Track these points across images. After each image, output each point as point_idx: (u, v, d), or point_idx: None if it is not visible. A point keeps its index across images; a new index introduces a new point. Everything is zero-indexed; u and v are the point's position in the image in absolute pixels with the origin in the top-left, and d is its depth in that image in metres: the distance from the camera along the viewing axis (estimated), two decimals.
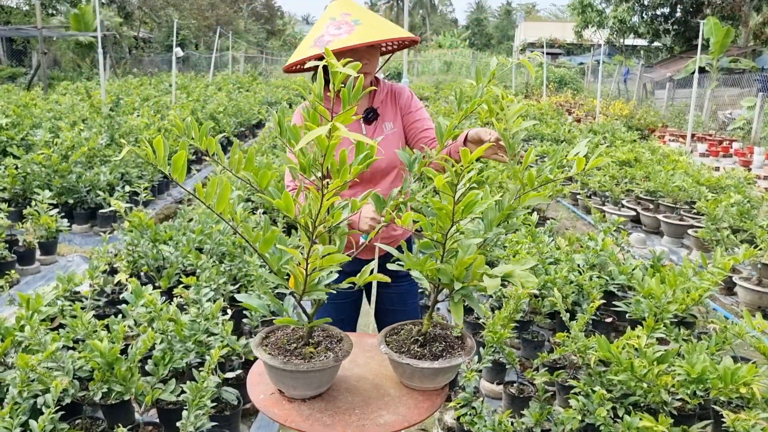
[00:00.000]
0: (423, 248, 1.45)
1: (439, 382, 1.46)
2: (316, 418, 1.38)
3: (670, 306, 2.67)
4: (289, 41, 41.23)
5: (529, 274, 1.26)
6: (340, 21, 1.87)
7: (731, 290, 4.56)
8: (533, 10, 57.43)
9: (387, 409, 1.40)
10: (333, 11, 1.93)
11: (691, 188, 5.97)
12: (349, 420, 1.36)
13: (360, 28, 1.85)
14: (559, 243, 3.77)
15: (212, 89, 13.96)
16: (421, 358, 1.43)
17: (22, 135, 6.50)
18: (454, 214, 1.28)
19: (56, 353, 2.30)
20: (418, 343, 1.50)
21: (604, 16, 25.61)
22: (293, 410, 1.40)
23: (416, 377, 1.44)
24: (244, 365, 2.76)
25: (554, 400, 2.87)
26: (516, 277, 1.27)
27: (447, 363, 1.41)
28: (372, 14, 1.94)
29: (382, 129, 2.09)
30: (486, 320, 2.70)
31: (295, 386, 1.41)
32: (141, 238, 3.64)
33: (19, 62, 21.13)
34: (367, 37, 1.82)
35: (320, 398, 1.44)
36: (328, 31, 1.86)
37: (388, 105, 2.13)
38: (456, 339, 1.53)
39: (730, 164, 10.58)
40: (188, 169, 1.33)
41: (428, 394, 1.46)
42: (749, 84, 16.58)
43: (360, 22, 1.87)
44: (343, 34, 1.83)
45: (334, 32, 1.84)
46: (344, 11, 1.91)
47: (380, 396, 1.46)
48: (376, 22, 1.90)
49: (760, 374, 1.98)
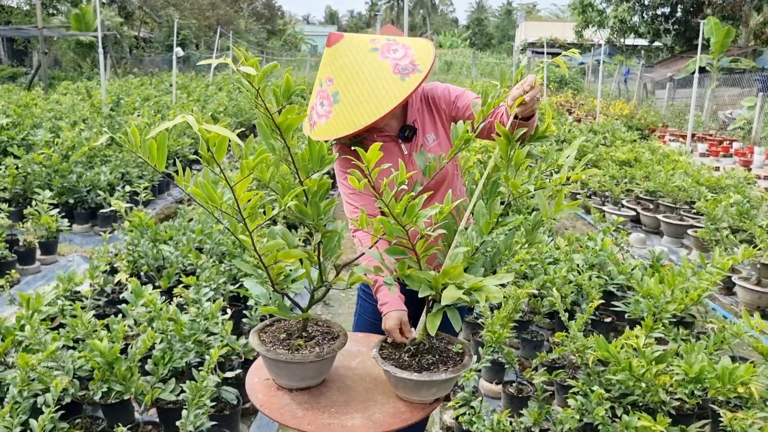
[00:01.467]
0: (391, 253, 1.40)
1: (423, 396, 1.41)
2: (290, 409, 1.39)
3: (669, 306, 2.68)
4: (289, 41, 41.24)
5: (498, 289, 1.24)
6: (324, 92, 1.73)
7: (731, 290, 4.56)
8: (534, 9, 57.39)
9: (362, 413, 1.38)
10: (322, 71, 1.76)
11: (690, 188, 5.97)
12: (320, 417, 1.36)
13: (336, 108, 1.68)
14: (558, 243, 3.78)
15: (213, 89, 13.96)
16: (406, 369, 1.40)
17: (23, 135, 6.51)
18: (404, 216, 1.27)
19: (56, 353, 2.31)
20: (409, 352, 1.48)
21: (604, 15, 25.59)
22: (275, 398, 1.44)
23: (399, 387, 1.42)
24: (244, 365, 2.77)
25: (553, 399, 2.88)
26: (483, 291, 1.24)
27: (427, 377, 1.37)
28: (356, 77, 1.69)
29: (423, 144, 1.91)
30: (485, 320, 2.70)
31: (279, 375, 1.46)
32: (141, 238, 3.65)
33: (20, 62, 21.14)
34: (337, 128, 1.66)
35: (308, 391, 1.47)
36: (316, 107, 1.74)
37: (426, 114, 1.93)
38: (455, 354, 1.49)
39: (731, 164, 10.57)
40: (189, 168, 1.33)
41: (413, 406, 1.42)
42: (750, 84, 16.57)
43: (338, 98, 1.68)
44: (323, 118, 1.70)
45: (320, 111, 1.72)
46: (328, 74, 1.73)
47: (365, 399, 1.45)
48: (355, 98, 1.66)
49: (758, 374, 1.99)
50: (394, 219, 1.28)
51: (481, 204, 1.38)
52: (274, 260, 1.35)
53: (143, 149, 1.16)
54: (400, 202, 1.26)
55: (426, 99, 1.93)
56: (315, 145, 1.32)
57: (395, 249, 1.39)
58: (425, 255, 1.39)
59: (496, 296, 1.23)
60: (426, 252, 1.38)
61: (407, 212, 1.27)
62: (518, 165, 1.38)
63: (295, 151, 1.30)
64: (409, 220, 1.28)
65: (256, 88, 1.19)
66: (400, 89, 1.66)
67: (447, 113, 1.93)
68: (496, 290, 1.24)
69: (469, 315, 3.49)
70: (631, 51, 28.29)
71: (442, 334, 1.57)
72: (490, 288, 1.25)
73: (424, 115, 1.92)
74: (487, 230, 1.36)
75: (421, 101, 1.93)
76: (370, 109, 1.65)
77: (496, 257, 1.46)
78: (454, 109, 1.91)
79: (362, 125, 1.65)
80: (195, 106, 10.13)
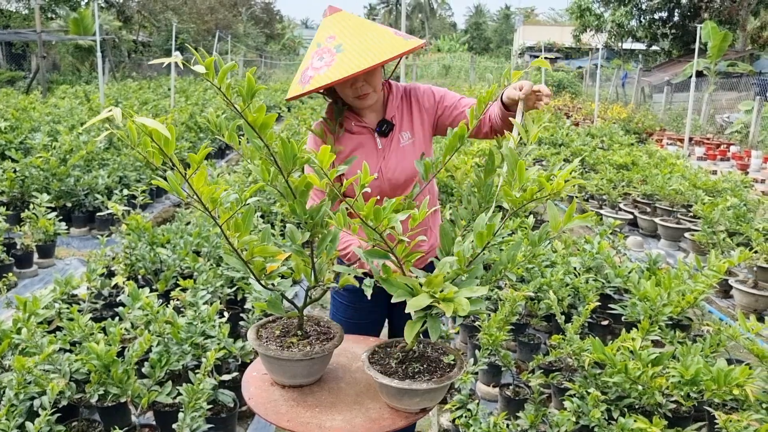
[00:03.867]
0: (372, 256, 1.39)
1: (406, 404, 1.39)
2: (275, 405, 1.41)
3: (665, 308, 2.68)
4: (288, 45, 41.31)
5: (467, 302, 1.22)
6: (324, 48, 1.73)
7: (728, 293, 4.57)
8: (532, 14, 57.52)
9: (344, 415, 1.38)
10: (320, 35, 1.78)
11: (688, 191, 5.98)
12: (302, 415, 1.37)
13: (340, 57, 1.68)
14: (555, 246, 3.78)
15: (211, 93, 13.97)
16: (391, 375, 1.38)
17: (21, 138, 6.52)
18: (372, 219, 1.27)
19: (53, 355, 2.31)
20: (398, 359, 1.46)
21: (602, 20, 25.65)
22: (265, 392, 1.45)
23: (384, 392, 1.42)
24: (241, 367, 2.77)
25: (550, 402, 2.88)
26: (453, 303, 1.23)
27: (407, 385, 1.34)
28: (360, 31, 1.74)
29: (398, 140, 1.93)
30: (482, 323, 2.71)
31: (272, 370, 1.47)
32: (139, 241, 3.65)
33: (18, 66, 21.16)
34: (342, 71, 1.65)
35: (299, 389, 1.48)
36: (312, 64, 1.73)
37: (404, 112, 1.96)
38: (446, 365, 1.46)
39: (728, 168, 10.60)
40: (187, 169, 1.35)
41: (396, 414, 1.41)
42: (747, 88, 16.63)
43: (342, 48, 1.70)
44: (322, 68, 1.69)
45: (317, 65, 1.71)
46: (330, 33, 1.75)
47: (352, 403, 1.44)
48: (360, 45, 1.70)
49: (753, 376, 1.99)
50: (363, 222, 1.28)
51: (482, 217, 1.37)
52: (252, 255, 1.36)
53: (143, 146, 1.17)
54: (366, 204, 1.26)
55: (407, 96, 1.97)
56: (287, 144, 1.32)
57: (376, 252, 1.38)
58: (408, 260, 1.39)
59: (464, 308, 1.21)
60: (408, 257, 1.38)
61: (375, 215, 1.27)
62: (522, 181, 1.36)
63: (274, 150, 1.31)
64: (378, 223, 1.28)
65: (218, 87, 1.20)
66: (404, 44, 1.72)
67: (430, 113, 1.97)
68: (465, 303, 1.22)
69: (465, 318, 3.50)
70: (628, 55, 28.38)
71: (438, 344, 1.56)
72: (461, 299, 1.23)
73: (402, 113, 1.95)
74: (481, 243, 1.34)
75: (401, 99, 1.96)
76: (376, 54, 1.67)
77: (497, 269, 1.45)
78: (441, 108, 1.95)
79: (369, 65, 1.65)
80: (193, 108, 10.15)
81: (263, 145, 1.29)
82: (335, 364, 1.62)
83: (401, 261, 1.36)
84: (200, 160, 1.17)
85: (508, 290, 2.96)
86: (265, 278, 1.43)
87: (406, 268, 1.38)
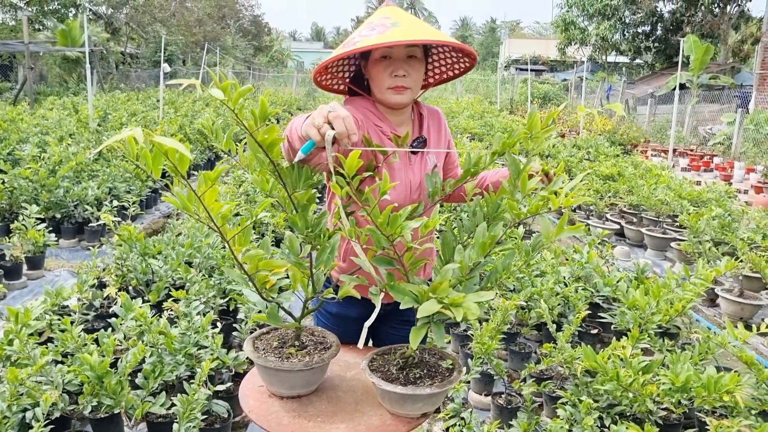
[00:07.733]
0: (377, 263, 1.39)
1: (408, 410, 1.40)
2: (277, 416, 1.40)
3: (654, 317, 2.73)
4: (276, 57, 41.38)
5: (477, 306, 1.24)
6: (377, 23, 1.65)
7: (714, 302, 4.63)
8: (517, 27, 58.19)
9: (348, 423, 1.39)
10: (374, 17, 1.71)
11: (673, 202, 6.07)
12: (305, 426, 1.37)
13: (396, 29, 1.60)
14: (545, 256, 3.83)
15: (200, 104, 13.97)
16: (393, 381, 1.40)
17: (9, 149, 6.47)
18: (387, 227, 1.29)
19: (45, 367, 2.30)
20: (398, 365, 1.48)
21: (586, 33, 26.03)
22: (264, 404, 1.45)
23: (386, 399, 1.43)
24: (234, 378, 2.77)
25: (542, 410, 2.90)
26: (462, 307, 1.25)
27: (411, 390, 1.36)
28: (418, 21, 1.68)
29: (426, 162, 1.84)
30: (474, 331, 2.73)
31: (270, 382, 1.47)
32: (130, 252, 3.64)
33: (5, 77, 21.01)
34: (399, 36, 1.56)
35: (298, 399, 1.48)
36: (360, 32, 1.65)
37: (433, 134, 1.88)
38: (445, 370, 1.49)
39: (711, 178, 10.76)
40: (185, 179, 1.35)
41: (398, 420, 1.42)
42: (729, 100, 16.92)
43: (398, 24, 1.62)
44: (374, 35, 1.60)
45: (366, 33, 1.62)
46: (385, 15, 1.68)
47: (353, 411, 1.45)
48: (418, 24, 1.65)
49: (742, 383, 2.03)
50: (376, 228, 1.30)
51: (483, 226, 1.39)
52: (256, 269, 1.37)
53: (142, 159, 1.18)
54: (383, 212, 1.28)
55: (431, 118, 1.90)
56: (301, 169, 1.34)
57: (382, 259, 1.40)
58: (413, 268, 1.41)
59: (473, 313, 1.23)
60: (414, 265, 1.39)
61: (390, 223, 1.29)
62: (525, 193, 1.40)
63: (280, 166, 1.33)
64: (392, 230, 1.30)
65: (233, 109, 1.22)
66: (461, 45, 1.69)
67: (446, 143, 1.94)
68: (475, 307, 1.24)
69: (456, 328, 3.52)
70: (613, 68, 28.79)
71: (435, 349, 1.59)
72: (469, 304, 1.25)
73: (430, 134, 1.89)
74: (483, 252, 1.37)
75: (429, 119, 1.90)
76: (434, 35, 1.63)
77: (492, 277, 1.48)
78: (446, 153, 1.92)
79: (427, 39, 1.60)
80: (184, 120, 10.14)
81: (269, 162, 1.31)
82: (330, 372, 1.62)
83: (407, 268, 1.38)
84: (215, 178, 1.18)
85: (499, 299, 2.99)
86: (266, 291, 1.44)
87: (411, 275, 1.40)
